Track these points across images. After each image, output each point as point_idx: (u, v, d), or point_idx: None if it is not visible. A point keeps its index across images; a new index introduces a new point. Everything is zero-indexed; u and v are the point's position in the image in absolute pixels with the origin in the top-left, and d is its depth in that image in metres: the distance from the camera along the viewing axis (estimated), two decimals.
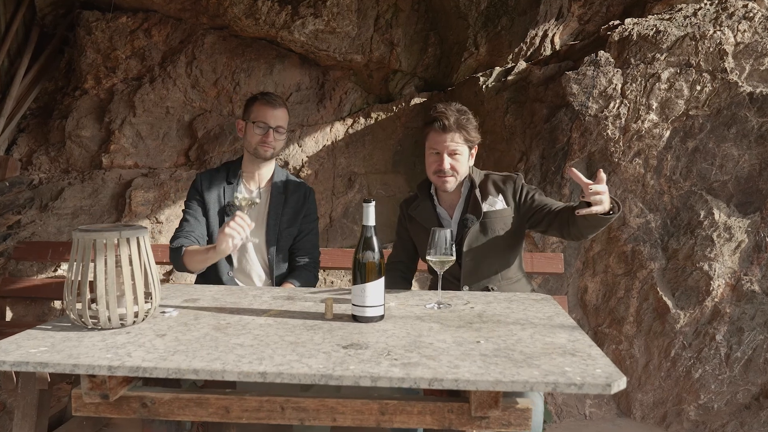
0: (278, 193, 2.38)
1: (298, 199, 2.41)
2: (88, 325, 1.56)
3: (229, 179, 2.36)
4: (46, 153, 3.60)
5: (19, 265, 3.32)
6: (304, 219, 2.42)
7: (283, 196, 2.39)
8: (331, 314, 1.71)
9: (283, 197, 2.39)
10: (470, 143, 2.16)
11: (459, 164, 2.15)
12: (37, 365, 1.33)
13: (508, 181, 2.20)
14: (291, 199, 2.40)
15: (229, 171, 2.39)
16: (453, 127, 2.12)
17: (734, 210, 2.94)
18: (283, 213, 2.37)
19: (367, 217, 1.67)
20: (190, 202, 2.36)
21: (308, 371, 1.27)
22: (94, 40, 3.62)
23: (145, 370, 1.30)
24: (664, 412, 2.96)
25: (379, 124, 3.80)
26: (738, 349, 2.84)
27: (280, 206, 2.37)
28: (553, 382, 1.21)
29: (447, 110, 2.14)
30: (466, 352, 1.38)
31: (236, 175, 2.37)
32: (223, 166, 2.44)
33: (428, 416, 1.39)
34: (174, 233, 2.29)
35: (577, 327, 1.62)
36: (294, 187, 2.42)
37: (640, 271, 3.00)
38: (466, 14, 3.65)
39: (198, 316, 1.71)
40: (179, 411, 1.45)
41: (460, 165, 2.15)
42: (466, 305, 1.86)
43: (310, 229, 2.45)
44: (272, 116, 2.29)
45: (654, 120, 2.98)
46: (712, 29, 2.98)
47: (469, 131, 2.14)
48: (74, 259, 1.56)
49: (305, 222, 2.43)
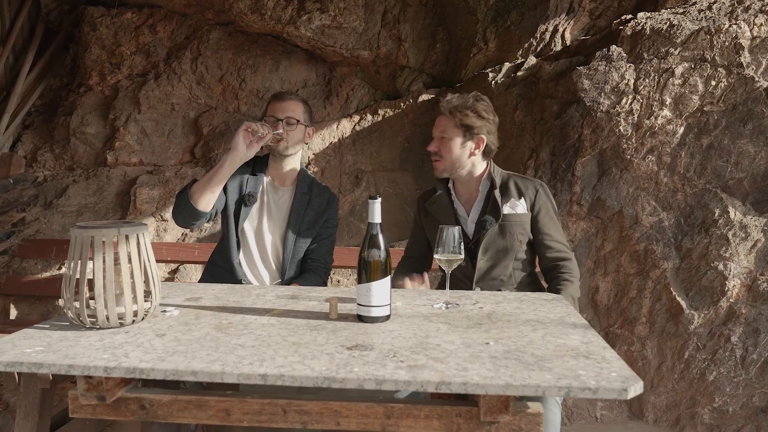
0: (302, 193, 2.36)
1: (321, 203, 2.38)
2: (86, 325, 1.52)
3: (255, 171, 2.35)
4: (50, 150, 3.58)
5: (23, 263, 3.30)
6: (324, 224, 2.39)
7: (307, 197, 2.37)
8: (335, 314, 1.66)
9: (307, 198, 2.36)
10: (466, 130, 2.09)
11: (446, 149, 2.11)
12: (32, 365, 1.29)
13: (530, 187, 2.14)
14: (314, 201, 2.37)
15: (255, 164, 2.37)
16: (443, 110, 2.11)
17: (750, 208, 2.87)
18: (305, 214, 2.35)
19: (373, 214, 1.62)
20: None
21: (310, 373, 1.22)
22: (99, 36, 3.59)
23: (142, 371, 1.25)
24: (677, 415, 2.89)
25: (386, 121, 3.75)
26: (754, 351, 2.77)
27: (303, 207, 2.35)
28: (567, 387, 1.15)
29: (451, 95, 2.13)
30: (474, 354, 1.33)
31: (262, 170, 2.36)
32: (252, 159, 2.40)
33: (435, 420, 1.33)
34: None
35: (590, 328, 1.56)
36: (318, 191, 2.40)
37: (653, 271, 2.93)
38: (475, 9, 3.59)
39: (199, 316, 1.66)
40: (179, 413, 1.40)
41: (446, 150, 2.11)
42: (474, 305, 1.80)
43: (327, 234, 2.41)
44: (280, 108, 2.28)
45: (667, 116, 2.91)
46: (728, 23, 2.91)
47: (461, 117, 2.08)
48: (72, 256, 1.52)
49: (325, 227, 2.40)
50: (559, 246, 2.14)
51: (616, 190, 2.99)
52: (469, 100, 2.09)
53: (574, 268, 2.13)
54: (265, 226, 2.33)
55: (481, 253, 2.09)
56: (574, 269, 2.13)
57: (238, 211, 2.30)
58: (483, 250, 2.09)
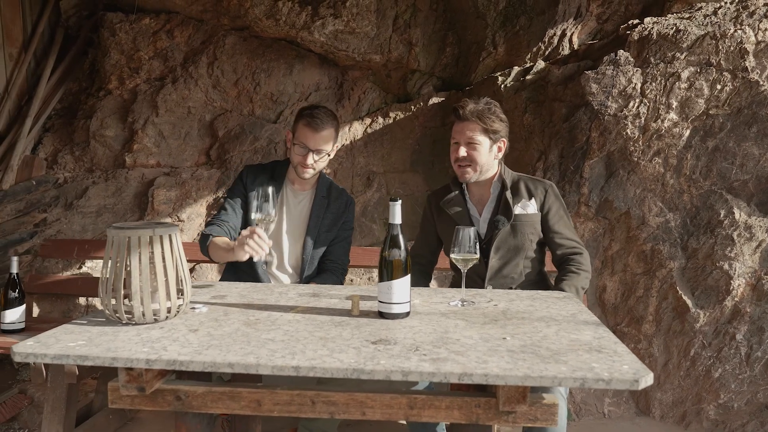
0: (321, 197, 2.42)
1: (339, 207, 2.45)
2: (123, 320, 1.60)
3: (275, 178, 2.39)
4: (70, 152, 3.67)
5: (45, 262, 3.39)
6: (342, 226, 2.46)
7: (326, 200, 2.43)
8: (357, 311, 1.74)
9: (326, 201, 2.42)
10: (492, 135, 2.16)
11: (477, 154, 2.17)
12: (77, 358, 1.38)
13: (540, 187, 2.22)
14: (333, 205, 2.44)
15: (275, 170, 2.42)
16: (469, 116, 2.16)
17: (755, 209, 2.94)
18: (324, 217, 2.41)
19: (393, 215, 1.70)
20: (233, 192, 2.41)
21: (340, 365, 1.30)
22: (118, 41, 3.68)
23: (181, 363, 1.33)
24: (683, 411, 2.96)
25: (397, 124, 3.83)
26: (758, 348, 2.83)
27: (322, 210, 2.41)
28: (582, 378, 1.23)
29: (467, 100, 2.18)
30: (493, 348, 1.41)
31: (282, 176, 2.41)
32: (270, 164, 2.47)
33: (456, 411, 1.41)
34: (211, 218, 2.34)
35: (601, 324, 1.63)
36: (337, 194, 2.46)
37: (660, 271, 3.00)
38: (485, 14, 3.66)
39: (227, 312, 1.74)
40: (212, 404, 1.49)
41: (478, 155, 2.17)
42: (489, 303, 1.88)
43: (344, 237, 2.49)
44: (313, 139, 2.26)
45: (674, 119, 2.98)
46: (733, 28, 2.97)
47: (487, 122, 2.15)
48: (109, 256, 1.61)
49: (342, 229, 2.47)
50: (570, 242, 2.21)
51: (624, 191, 3.06)
52: (489, 105, 2.17)
53: (584, 261, 2.19)
54: (285, 230, 2.41)
55: (493, 251, 2.17)
56: (584, 262, 2.19)
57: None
58: (495, 249, 2.17)
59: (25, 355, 1.39)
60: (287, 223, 2.41)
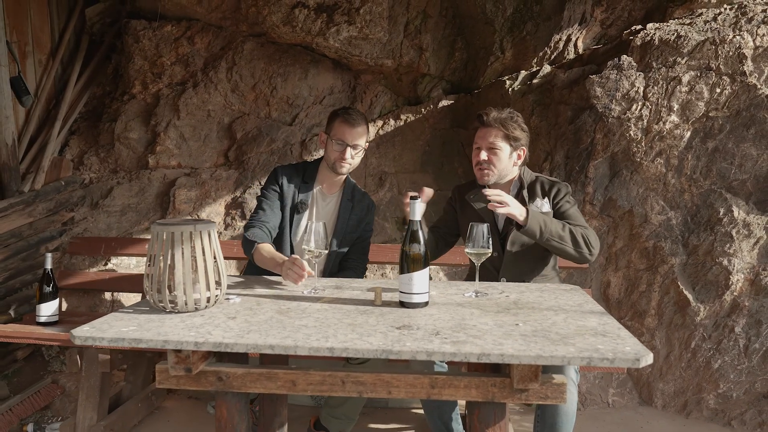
0: (347, 199, 2.55)
1: (362, 209, 2.59)
2: (167, 309, 1.75)
3: (306, 179, 2.52)
4: (96, 154, 3.82)
5: (72, 258, 3.54)
6: (364, 227, 2.61)
7: (351, 203, 2.56)
8: (380, 301, 1.88)
9: (351, 204, 2.56)
10: (512, 142, 2.30)
11: (497, 159, 2.30)
12: (132, 341, 1.52)
13: (554, 187, 2.35)
14: (357, 207, 2.57)
15: (306, 171, 2.54)
16: (491, 123, 2.30)
17: (753, 207, 3.06)
18: (350, 219, 2.55)
19: (414, 212, 1.84)
20: (268, 191, 2.49)
21: (370, 347, 1.44)
22: (142, 47, 3.84)
23: (226, 345, 1.48)
24: (684, 401, 3.09)
25: (408, 126, 3.97)
26: (756, 340, 2.96)
27: (347, 213, 2.54)
28: (588, 357, 1.37)
29: (492, 108, 2.32)
30: (507, 333, 1.55)
31: (313, 177, 2.53)
32: (302, 165, 2.59)
33: (473, 390, 1.56)
34: (249, 219, 2.43)
35: (605, 313, 1.77)
36: (360, 197, 2.60)
37: (662, 266, 3.13)
38: (493, 20, 3.80)
39: (260, 303, 1.89)
40: (251, 384, 1.63)
41: (498, 160, 2.30)
42: (501, 294, 2.02)
43: (365, 237, 2.63)
44: (350, 134, 2.41)
45: (675, 121, 3.12)
46: (732, 34, 3.11)
47: (509, 129, 2.28)
48: (153, 250, 1.75)
49: (364, 231, 2.62)
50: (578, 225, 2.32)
51: (627, 190, 3.19)
52: (512, 114, 2.31)
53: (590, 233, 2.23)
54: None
55: (509, 245, 2.31)
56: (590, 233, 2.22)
57: (291, 218, 2.49)
58: (511, 243, 2.32)
59: (84, 339, 1.54)
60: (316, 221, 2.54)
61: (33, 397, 3.00)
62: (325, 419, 2.64)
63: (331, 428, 2.62)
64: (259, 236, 2.33)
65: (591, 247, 2.20)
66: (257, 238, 2.31)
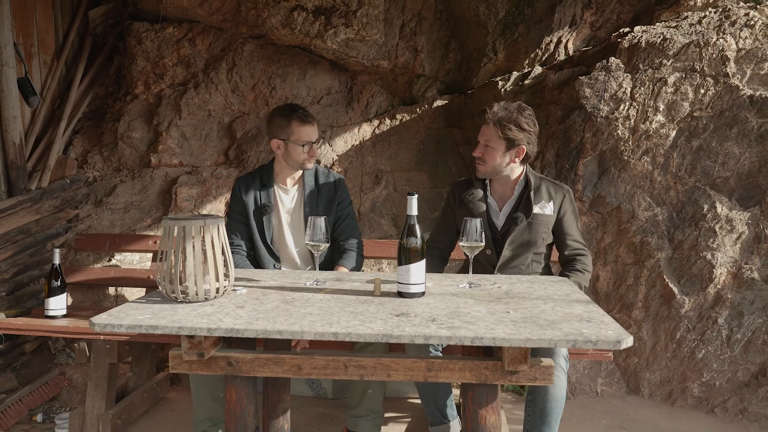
0: (311, 187, 2.62)
1: (329, 189, 2.64)
2: (179, 299, 1.85)
3: (264, 183, 2.62)
4: (99, 153, 3.92)
5: (77, 255, 3.64)
6: (338, 206, 2.65)
7: (316, 189, 2.62)
8: (379, 291, 1.99)
9: (316, 190, 2.62)
10: (508, 141, 2.36)
11: (489, 155, 2.39)
12: (149, 328, 1.63)
13: (560, 193, 2.46)
14: (323, 189, 2.63)
15: (263, 175, 2.64)
16: (489, 121, 2.38)
17: (735, 204, 3.19)
18: (318, 204, 2.60)
19: (411, 207, 1.95)
20: (233, 212, 2.63)
21: (372, 332, 1.55)
22: (144, 49, 3.94)
23: (238, 331, 1.58)
24: (670, 389, 3.22)
25: (403, 125, 4.08)
26: (738, 331, 3.09)
27: (314, 198, 2.61)
28: (573, 340, 1.49)
29: (497, 104, 2.39)
30: (499, 319, 1.66)
31: (270, 178, 2.63)
32: (257, 171, 2.68)
33: (468, 372, 1.67)
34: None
35: (591, 302, 1.89)
36: (323, 178, 2.65)
37: (648, 261, 3.26)
38: (486, 22, 3.92)
39: (265, 293, 1.99)
40: (259, 368, 1.74)
41: (490, 156, 2.39)
42: (493, 285, 2.13)
43: (346, 214, 2.67)
44: (312, 132, 2.55)
45: (661, 121, 3.24)
46: (716, 36, 3.23)
47: (504, 130, 2.34)
48: (166, 243, 1.86)
49: (340, 208, 2.66)
50: (578, 244, 2.47)
51: (615, 187, 3.31)
52: (513, 113, 2.35)
53: (589, 262, 2.46)
54: (287, 228, 2.62)
55: (508, 243, 2.41)
56: (588, 264, 2.46)
57: (260, 222, 2.59)
58: (510, 242, 2.41)
59: (103, 326, 1.64)
60: (285, 218, 2.63)
61: (41, 389, 3.09)
62: (352, 424, 2.55)
63: (362, 430, 2.52)
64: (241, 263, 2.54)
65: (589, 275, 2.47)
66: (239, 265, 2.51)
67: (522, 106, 2.40)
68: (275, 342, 2.20)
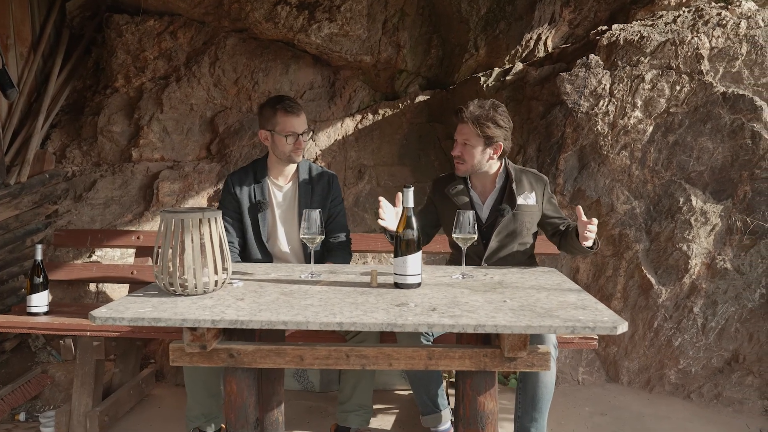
0: (305, 183, 2.62)
1: (323, 186, 2.65)
2: (177, 292, 1.85)
3: (257, 178, 2.60)
4: (78, 147, 3.85)
5: (57, 251, 3.57)
6: (332, 203, 2.67)
7: (310, 185, 2.63)
8: (376, 283, 2.02)
9: (310, 186, 2.63)
10: (487, 139, 2.41)
11: (468, 154, 2.43)
12: (151, 320, 1.63)
13: (539, 182, 2.53)
14: (317, 187, 2.64)
15: (256, 170, 2.62)
16: (465, 119, 2.41)
17: (709, 197, 3.30)
18: (312, 201, 2.60)
19: (407, 200, 1.98)
20: (225, 207, 2.60)
21: (376, 321, 1.57)
22: (125, 41, 3.88)
23: (242, 322, 1.59)
24: (648, 377, 3.33)
25: (386, 120, 4.11)
26: (712, 319, 3.21)
27: (308, 195, 2.61)
28: (572, 326, 1.54)
29: (471, 103, 2.43)
30: (497, 308, 1.71)
31: (264, 173, 2.61)
32: (251, 166, 2.66)
33: (467, 360, 1.71)
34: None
35: (582, 290, 1.95)
36: (318, 176, 2.66)
37: (627, 252, 3.35)
38: (468, 19, 3.97)
39: (262, 286, 2.00)
40: (261, 360, 1.75)
41: (469, 155, 2.43)
42: (486, 276, 2.18)
43: (338, 211, 2.69)
44: (298, 123, 2.52)
45: (638, 117, 3.34)
46: (690, 35, 3.34)
47: (482, 128, 2.38)
48: (163, 236, 1.85)
49: (333, 206, 2.67)
50: (562, 219, 2.55)
51: (594, 181, 3.40)
52: (489, 110, 2.39)
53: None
54: (279, 224, 2.62)
55: (495, 234, 2.46)
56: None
57: (254, 219, 2.58)
58: (497, 233, 2.46)
59: (104, 319, 1.63)
60: (279, 213, 2.62)
61: (23, 387, 3.04)
62: (341, 419, 2.55)
63: (352, 424, 2.53)
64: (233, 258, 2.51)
65: None
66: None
67: (496, 103, 2.46)
68: (269, 335, 2.21)
